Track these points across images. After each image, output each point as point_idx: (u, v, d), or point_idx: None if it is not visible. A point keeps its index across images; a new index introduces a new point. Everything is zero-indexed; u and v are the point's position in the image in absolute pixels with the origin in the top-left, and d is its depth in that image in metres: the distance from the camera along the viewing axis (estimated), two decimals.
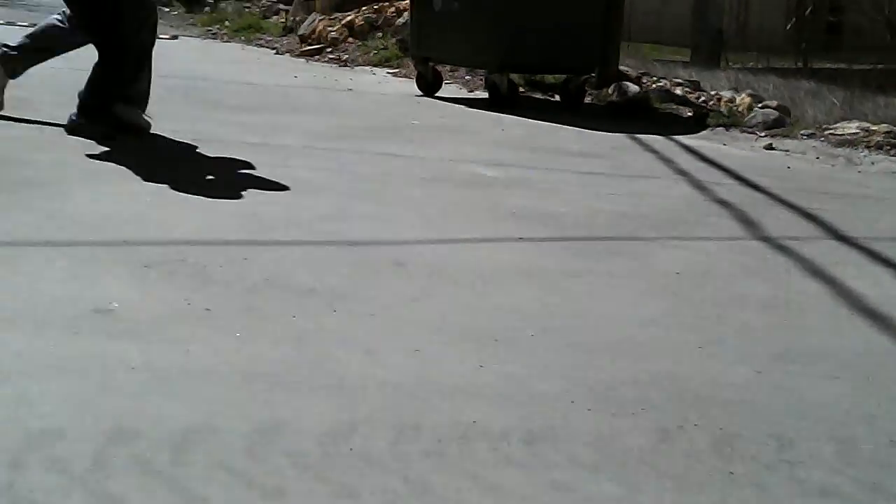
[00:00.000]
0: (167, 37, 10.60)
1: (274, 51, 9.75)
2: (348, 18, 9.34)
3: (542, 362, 2.24)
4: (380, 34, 9.03)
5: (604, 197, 4.12)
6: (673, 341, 2.46)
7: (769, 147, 5.66)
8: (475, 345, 2.31)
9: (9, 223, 2.99)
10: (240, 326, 2.30)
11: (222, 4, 15.75)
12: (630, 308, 2.70)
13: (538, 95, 7.15)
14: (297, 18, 11.31)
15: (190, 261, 2.75)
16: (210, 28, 12.71)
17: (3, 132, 4.30)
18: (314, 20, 10.00)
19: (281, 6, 13.61)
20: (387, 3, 9.58)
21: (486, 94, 6.72)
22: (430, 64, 6.86)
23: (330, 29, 9.33)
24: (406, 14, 9.10)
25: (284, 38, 10.87)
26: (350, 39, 9.17)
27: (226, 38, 11.21)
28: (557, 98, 6.85)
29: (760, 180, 4.64)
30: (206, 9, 15.79)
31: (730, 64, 25.47)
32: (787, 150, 5.61)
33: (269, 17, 12.93)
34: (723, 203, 4.11)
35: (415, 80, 6.94)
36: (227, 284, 2.59)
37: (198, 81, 6.61)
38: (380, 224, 3.38)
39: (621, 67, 7.18)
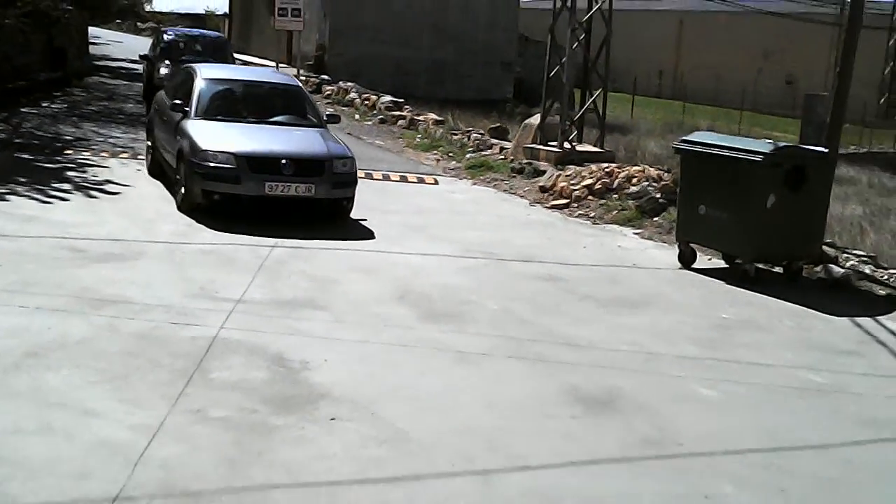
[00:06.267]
0: (431, 181, 13.46)
1: (522, 198, 12.65)
2: (587, 182, 12.21)
3: None
4: (615, 196, 11.86)
5: None
6: None
7: None
8: None
9: None
10: None
11: (422, 123, 18.83)
12: None
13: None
14: (523, 161, 14.26)
15: None
16: (439, 158, 15.61)
17: None
18: (552, 175, 12.90)
19: (491, 139, 16.56)
20: (616, 167, 12.49)
21: (722, 262, 9.60)
22: (690, 245, 9.71)
23: (573, 187, 12.21)
24: (635, 180, 12.03)
25: (514, 178, 13.75)
26: (590, 197, 12.07)
27: (464, 175, 14.18)
28: (777, 270, 9.62)
29: None
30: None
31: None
32: None
33: (483, 151, 15.87)
34: None
35: (676, 256, 9.71)
36: None
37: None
38: None
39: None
